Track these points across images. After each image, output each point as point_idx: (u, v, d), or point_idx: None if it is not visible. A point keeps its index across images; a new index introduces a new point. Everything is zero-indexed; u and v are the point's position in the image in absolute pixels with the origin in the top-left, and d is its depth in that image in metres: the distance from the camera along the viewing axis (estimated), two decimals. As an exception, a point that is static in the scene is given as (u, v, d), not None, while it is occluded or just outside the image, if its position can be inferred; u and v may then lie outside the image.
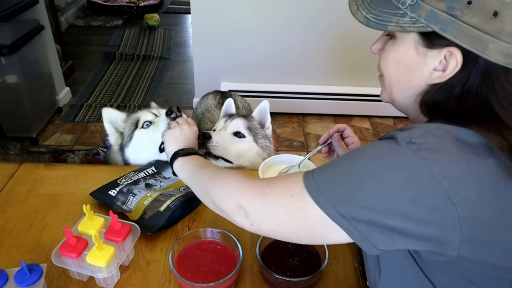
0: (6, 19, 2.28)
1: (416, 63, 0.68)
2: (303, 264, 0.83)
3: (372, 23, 0.68)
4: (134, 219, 0.94)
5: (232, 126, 1.35)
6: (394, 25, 0.66)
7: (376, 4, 0.69)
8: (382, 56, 0.75)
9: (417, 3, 0.64)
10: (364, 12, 0.70)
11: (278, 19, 2.77)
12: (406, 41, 0.68)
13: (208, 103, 1.97)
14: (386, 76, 0.76)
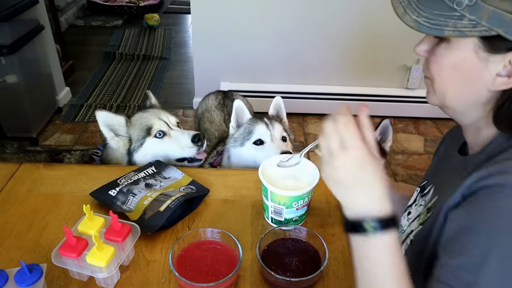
0: (6, 19, 2.28)
1: (476, 69, 0.62)
2: (303, 264, 0.82)
3: (424, 28, 0.62)
4: (134, 219, 0.94)
5: (277, 133, 1.38)
6: (451, 30, 0.59)
7: (426, 5, 0.63)
8: (433, 60, 0.69)
9: (476, 3, 0.57)
10: (413, 15, 0.63)
11: (278, 19, 2.77)
12: (464, 45, 0.62)
13: (209, 103, 1.98)
14: (438, 81, 0.69)
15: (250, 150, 1.38)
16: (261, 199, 1.01)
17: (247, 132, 1.41)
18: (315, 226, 0.97)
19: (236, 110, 1.45)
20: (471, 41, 0.61)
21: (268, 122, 1.39)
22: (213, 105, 1.95)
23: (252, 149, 1.38)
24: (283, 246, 0.86)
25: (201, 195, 1.05)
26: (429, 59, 0.70)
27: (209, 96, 2.03)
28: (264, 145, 1.37)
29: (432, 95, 0.73)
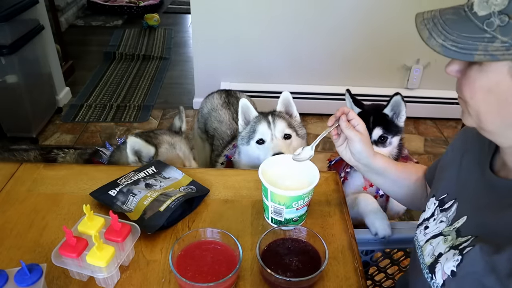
0: (6, 19, 2.28)
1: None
2: (303, 264, 0.82)
3: (452, 53, 0.58)
4: (134, 219, 0.94)
5: (279, 131, 1.38)
6: (482, 54, 0.56)
7: (453, 27, 0.59)
8: (466, 83, 0.65)
9: (508, 24, 0.54)
10: (439, 39, 0.59)
11: (278, 19, 2.77)
12: (497, 68, 0.59)
13: (214, 102, 1.98)
14: (471, 104, 0.66)
15: (254, 149, 1.40)
16: (261, 199, 1.01)
17: (252, 130, 1.42)
18: (315, 226, 0.97)
19: (242, 108, 1.46)
20: (505, 64, 0.57)
21: (271, 120, 1.39)
22: (219, 104, 1.95)
23: (255, 148, 1.39)
24: (283, 246, 0.86)
25: (201, 195, 1.05)
26: (461, 81, 0.66)
27: (212, 96, 2.03)
28: (264, 144, 1.37)
29: (467, 116, 0.69)
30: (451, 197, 0.80)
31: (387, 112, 1.41)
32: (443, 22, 0.61)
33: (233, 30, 2.82)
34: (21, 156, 1.40)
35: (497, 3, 0.55)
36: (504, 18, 0.55)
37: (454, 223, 0.75)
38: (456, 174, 0.83)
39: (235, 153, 1.54)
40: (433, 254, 0.76)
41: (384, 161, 0.98)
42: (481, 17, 0.57)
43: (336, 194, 1.08)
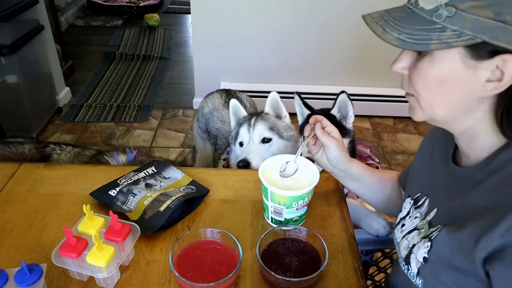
0: (6, 19, 2.28)
1: (466, 78, 0.61)
2: (303, 264, 0.82)
3: (408, 44, 0.61)
4: (134, 219, 0.94)
5: (257, 135, 1.39)
6: (437, 43, 0.59)
7: (405, 22, 0.62)
8: (417, 76, 0.67)
9: (456, 14, 0.57)
10: (394, 33, 0.62)
11: (278, 19, 2.77)
12: (449, 56, 0.61)
13: (215, 102, 1.97)
14: (424, 96, 0.68)
15: (237, 150, 1.43)
16: (261, 199, 1.01)
17: (236, 132, 1.45)
18: (315, 226, 0.97)
19: (232, 109, 1.47)
20: (456, 51, 0.60)
21: (252, 123, 1.39)
22: (220, 104, 1.95)
23: (238, 149, 1.43)
24: (283, 246, 0.86)
25: (201, 195, 1.05)
26: (412, 76, 0.68)
27: (213, 95, 2.02)
28: (242, 147, 1.40)
29: (418, 112, 0.71)
30: (424, 194, 0.83)
31: (334, 113, 1.36)
32: (393, 19, 0.63)
33: (233, 30, 2.82)
34: (15, 148, 1.38)
35: None
36: (451, 9, 0.57)
37: (426, 217, 0.78)
38: (427, 172, 0.86)
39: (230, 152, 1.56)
40: (408, 247, 0.79)
41: (360, 167, 1.01)
42: (428, 11, 0.60)
43: (336, 194, 1.08)
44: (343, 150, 0.97)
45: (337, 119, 1.36)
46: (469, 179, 0.70)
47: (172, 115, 3.07)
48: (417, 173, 0.91)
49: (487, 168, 0.67)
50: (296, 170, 0.96)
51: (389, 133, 2.91)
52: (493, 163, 0.66)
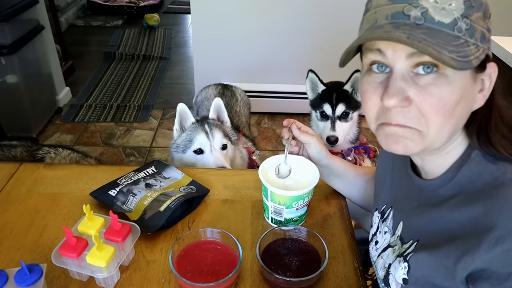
0: (6, 19, 2.28)
1: (471, 92, 0.58)
2: (303, 264, 0.82)
3: (461, 64, 0.53)
4: (134, 219, 0.94)
5: (217, 143, 1.40)
6: (473, 58, 0.54)
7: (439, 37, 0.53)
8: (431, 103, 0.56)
9: (471, 26, 0.54)
10: (446, 52, 0.52)
11: (279, 19, 2.77)
12: (464, 73, 0.56)
13: (209, 92, 2.00)
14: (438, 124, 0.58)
15: (191, 158, 1.40)
16: (261, 199, 1.01)
17: (188, 139, 1.41)
18: (315, 226, 0.97)
19: (179, 113, 1.43)
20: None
21: (208, 131, 1.39)
22: (212, 94, 1.97)
23: (193, 157, 1.40)
24: (283, 246, 0.86)
25: (201, 195, 1.05)
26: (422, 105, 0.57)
27: (209, 86, 2.08)
28: (203, 155, 1.39)
29: (413, 144, 0.60)
30: (388, 206, 0.82)
31: (347, 88, 1.55)
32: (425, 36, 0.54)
33: (233, 30, 2.82)
34: (8, 151, 1.37)
35: (455, 8, 0.53)
36: (467, 20, 0.54)
37: (395, 231, 0.76)
38: (390, 183, 0.84)
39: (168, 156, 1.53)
40: (384, 266, 0.76)
41: (342, 162, 1.03)
42: (448, 25, 0.54)
43: (336, 194, 1.08)
44: (322, 145, 0.99)
45: (349, 93, 1.56)
46: (433, 192, 0.68)
47: (172, 115, 3.07)
48: (381, 183, 0.88)
49: (452, 183, 0.65)
50: (290, 170, 0.96)
51: (389, 133, 2.91)
52: (456, 178, 0.64)
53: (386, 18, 0.57)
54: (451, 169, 0.65)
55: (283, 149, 0.99)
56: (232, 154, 1.45)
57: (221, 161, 1.35)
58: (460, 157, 0.64)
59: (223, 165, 1.34)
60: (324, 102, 1.56)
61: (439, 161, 0.67)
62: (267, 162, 1.00)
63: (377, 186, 0.93)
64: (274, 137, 2.86)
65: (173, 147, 1.45)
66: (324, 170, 1.01)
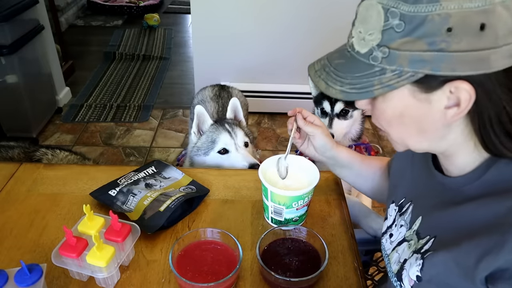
0: (6, 19, 2.28)
1: (422, 111, 0.60)
2: (303, 264, 0.83)
3: (353, 95, 0.60)
4: (134, 219, 0.94)
5: (240, 141, 1.39)
6: (379, 87, 0.58)
7: (345, 71, 0.61)
8: (377, 115, 0.67)
9: (390, 53, 0.56)
10: (337, 86, 0.61)
11: (278, 19, 2.77)
12: (398, 94, 0.60)
13: (205, 94, 2.01)
14: (391, 132, 0.68)
15: (216, 159, 1.38)
16: (261, 199, 1.01)
17: (210, 141, 1.39)
18: (315, 226, 0.97)
19: (197, 116, 1.42)
20: (404, 89, 0.59)
21: (231, 130, 1.39)
22: (208, 96, 1.97)
23: (218, 158, 1.38)
24: (283, 246, 0.86)
25: (201, 195, 1.05)
26: (373, 114, 0.68)
27: (206, 88, 2.08)
28: (229, 154, 1.37)
29: (395, 144, 0.71)
30: (408, 200, 0.81)
31: None
32: (334, 69, 0.62)
33: (233, 30, 2.81)
34: (6, 152, 1.37)
35: (372, 38, 0.57)
36: (384, 49, 0.56)
37: (412, 226, 0.76)
38: (410, 177, 0.84)
39: (183, 162, 1.52)
40: (399, 261, 0.76)
41: (348, 152, 1.01)
42: (364, 54, 0.59)
43: (336, 194, 1.08)
44: (328, 136, 0.97)
45: None
46: (457, 190, 0.68)
47: (172, 115, 3.07)
48: (399, 176, 0.89)
49: (478, 181, 0.65)
50: (287, 168, 0.96)
51: (389, 133, 2.91)
52: (484, 177, 0.64)
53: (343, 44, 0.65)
54: (479, 167, 0.65)
55: (283, 149, 0.99)
56: (252, 152, 1.44)
57: (251, 158, 1.34)
58: (483, 158, 0.64)
59: (254, 162, 1.31)
60: (324, 99, 1.56)
61: (456, 161, 0.67)
62: (267, 162, 1.00)
63: (394, 178, 0.92)
64: (274, 137, 2.86)
65: (193, 151, 1.43)
66: (329, 160, 1.00)
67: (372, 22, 0.57)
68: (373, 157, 1.08)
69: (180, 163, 1.58)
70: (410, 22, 0.54)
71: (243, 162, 1.33)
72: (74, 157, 1.40)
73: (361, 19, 0.60)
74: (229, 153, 1.37)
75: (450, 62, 0.53)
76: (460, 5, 0.51)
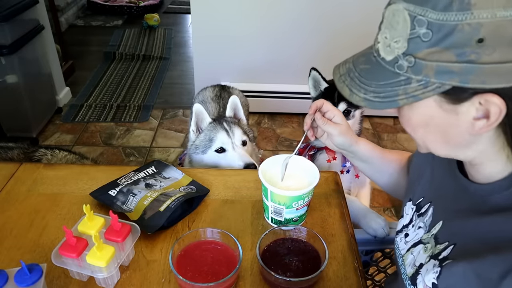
0: (6, 19, 2.28)
1: (448, 121, 0.58)
2: (303, 264, 0.82)
3: (376, 104, 0.58)
4: (134, 219, 0.94)
5: (238, 140, 1.39)
6: (404, 98, 0.56)
7: (370, 78, 0.59)
8: (404, 121, 0.65)
9: (416, 63, 0.54)
10: (361, 93, 0.60)
11: (278, 19, 2.77)
12: (424, 103, 0.58)
13: (206, 94, 2.01)
14: (415, 137, 0.67)
15: (213, 158, 1.38)
16: (261, 199, 1.01)
17: (208, 139, 1.39)
18: (315, 226, 0.97)
19: (196, 114, 1.42)
20: (430, 99, 0.57)
21: (228, 129, 1.39)
22: (209, 97, 1.97)
23: (215, 157, 1.38)
24: (283, 246, 0.86)
25: (201, 195, 1.05)
26: (400, 120, 0.67)
27: (206, 88, 2.08)
28: (226, 153, 1.37)
29: (418, 147, 0.70)
30: (427, 200, 0.79)
31: None
32: (358, 75, 0.61)
33: (233, 30, 2.82)
34: (5, 153, 1.37)
35: (398, 46, 0.55)
36: (410, 58, 0.54)
37: (431, 229, 0.74)
38: (430, 176, 0.82)
39: (184, 161, 1.52)
40: (414, 264, 0.74)
41: (368, 148, 0.99)
42: (390, 62, 0.57)
43: (336, 194, 1.08)
44: (347, 134, 0.95)
45: None
46: (483, 198, 0.65)
47: (172, 115, 3.07)
48: (418, 173, 0.86)
49: (509, 191, 0.61)
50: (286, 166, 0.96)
51: (389, 133, 2.91)
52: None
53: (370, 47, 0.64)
54: (506, 178, 0.62)
55: (283, 149, 0.99)
56: (251, 151, 1.44)
57: (247, 157, 1.33)
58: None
59: (249, 162, 1.30)
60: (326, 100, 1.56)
61: (483, 170, 0.65)
62: (267, 162, 1.00)
63: (412, 174, 0.90)
64: (274, 137, 2.86)
65: (192, 149, 1.43)
66: (348, 154, 1.00)
67: (398, 29, 0.55)
68: (394, 151, 1.05)
69: (182, 161, 1.58)
70: (438, 32, 0.51)
71: (239, 161, 1.33)
72: (73, 157, 1.40)
73: (387, 24, 0.57)
74: (226, 152, 1.38)
75: (480, 74, 0.51)
76: (493, 14, 0.48)
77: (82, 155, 1.44)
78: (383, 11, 0.59)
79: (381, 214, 1.19)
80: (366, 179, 1.53)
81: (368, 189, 1.58)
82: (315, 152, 1.49)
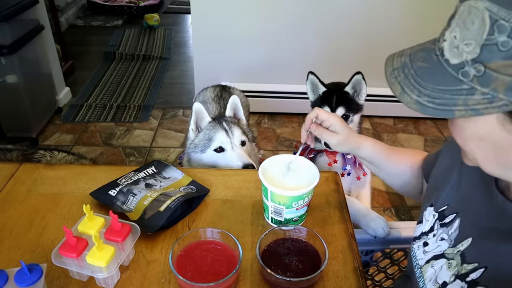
0: (6, 19, 2.28)
1: (508, 142, 0.51)
2: (303, 264, 0.82)
3: (429, 110, 0.51)
4: (134, 219, 0.94)
5: (237, 140, 1.39)
6: (462, 109, 0.48)
7: (427, 79, 0.52)
8: (455, 130, 0.57)
9: (485, 73, 0.46)
10: (414, 94, 0.52)
11: (278, 19, 2.77)
12: (486, 117, 0.50)
13: (207, 95, 2.01)
14: (465, 150, 0.59)
15: (211, 157, 1.39)
16: (261, 199, 1.01)
17: (207, 138, 1.40)
18: (315, 226, 0.97)
19: (195, 113, 1.42)
20: (493, 115, 0.50)
21: (228, 128, 1.39)
22: (210, 97, 1.98)
23: (214, 156, 1.38)
24: (283, 246, 0.86)
25: (201, 195, 1.05)
26: (450, 127, 0.58)
27: (207, 88, 2.08)
28: (225, 153, 1.38)
29: (465, 158, 0.62)
30: (452, 210, 0.73)
31: (348, 90, 1.51)
32: (414, 73, 0.54)
33: (233, 30, 2.82)
34: (4, 155, 1.37)
35: (468, 50, 0.48)
36: (480, 67, 0.47)
37: (458, 245, 0.68)
38: (456, 183, 0.75)
39: (183, 160, 1.52)
40: (436, 281, 0.69)
41: (374, 151, 0.96)
42: (454, 66, 0.50)
43: (336, 194, 1.08)
44: (346, 141, 0.93)
45: (350, 96, 1.52)
46: None
47: (172, 115, 3.07)
48: (443, 179, 0.79)
49: None
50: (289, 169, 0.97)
51: (389, 133, 2.91)
52: None
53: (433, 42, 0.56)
54: None
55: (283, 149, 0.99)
56: (250, 151, 1.44)
57: (246, 158, 1.33)
58: None
59: (248, 163, 1.30)
60: (324, 104, 1.55)
61: None
62: (267, 162, 1.00)
63: (436, 179, 0.83)
64: (274, 137, 2.86)
65: (191, 148, 1.43)
66: (354, 156, 1.00)
67: (472, 30, 0.47)
68: (404, 151, 1.00)
69: (181, 161, 1.58)
70: None
71: (237, 162, 1.33)
72: (71, 157, 1.41)
73: (459, 22, 0.49)
74: (225, 151, 1.38)
75: None
76: None
77: (81, 156, 1.44)
78: (457, 4, 0.50)
79: (381, 214, 1.19)
80: (366, 180, 1.53)
81: (368, 189, 1.58)
82: (315, 155, 1.49)
